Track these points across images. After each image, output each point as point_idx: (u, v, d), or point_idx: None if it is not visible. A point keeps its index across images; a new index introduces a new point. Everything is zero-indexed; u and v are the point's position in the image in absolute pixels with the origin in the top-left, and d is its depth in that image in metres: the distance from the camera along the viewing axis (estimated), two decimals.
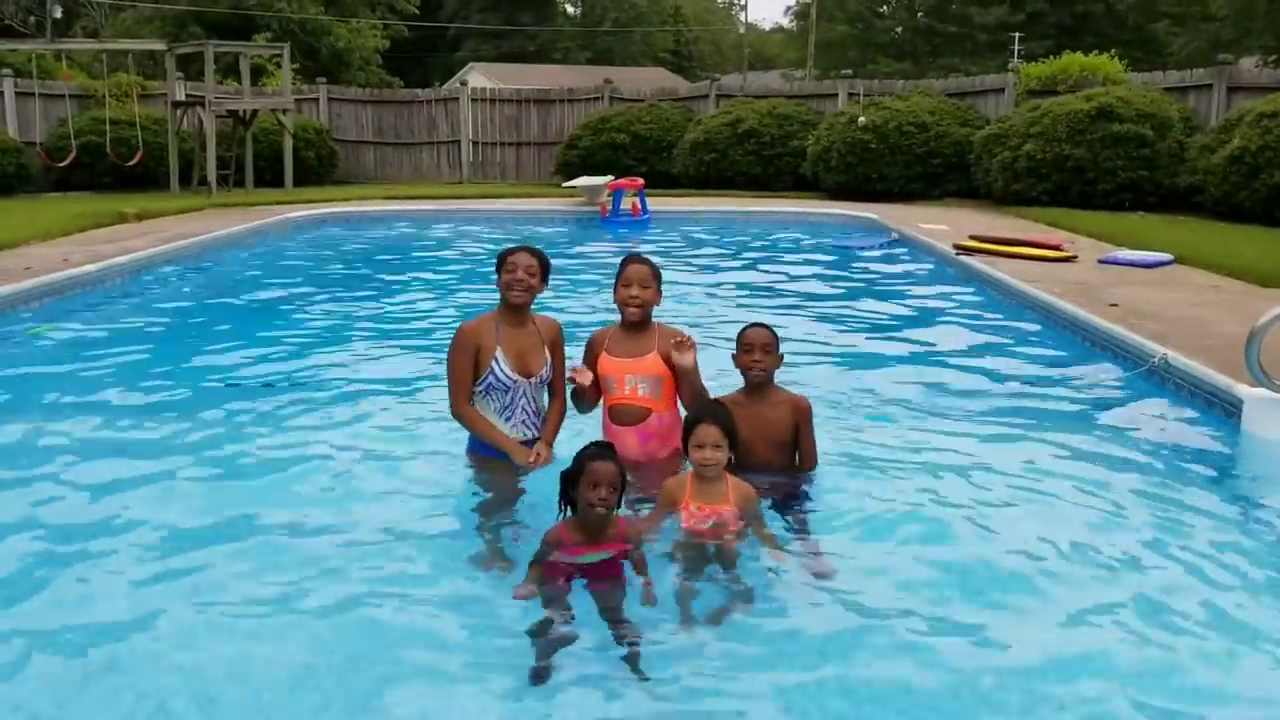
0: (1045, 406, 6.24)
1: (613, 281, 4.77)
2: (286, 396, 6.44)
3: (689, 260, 12.57)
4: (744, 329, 4.62)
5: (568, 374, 4.72)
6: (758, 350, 4.51)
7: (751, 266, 12.35)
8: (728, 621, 3.56)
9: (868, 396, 6.41)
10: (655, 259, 4.85)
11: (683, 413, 4.55)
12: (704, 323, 8.21)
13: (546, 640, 3.41)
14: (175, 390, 6.57)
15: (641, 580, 3.74)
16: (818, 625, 3.59)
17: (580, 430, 4.88)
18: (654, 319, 4.78)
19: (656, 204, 17.29)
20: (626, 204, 16.72)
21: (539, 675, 3.24)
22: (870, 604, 3.72)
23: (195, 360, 7.50)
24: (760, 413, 4.51)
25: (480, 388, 4.70)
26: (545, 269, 4.77)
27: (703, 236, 15.03)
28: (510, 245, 4.91)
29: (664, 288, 4.78)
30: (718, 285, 10.77)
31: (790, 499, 4.50)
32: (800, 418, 4.59)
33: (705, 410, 4.16)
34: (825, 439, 4.94)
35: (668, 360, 4.61)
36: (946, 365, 7.31)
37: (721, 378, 4.97)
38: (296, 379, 6.90)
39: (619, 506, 3.87)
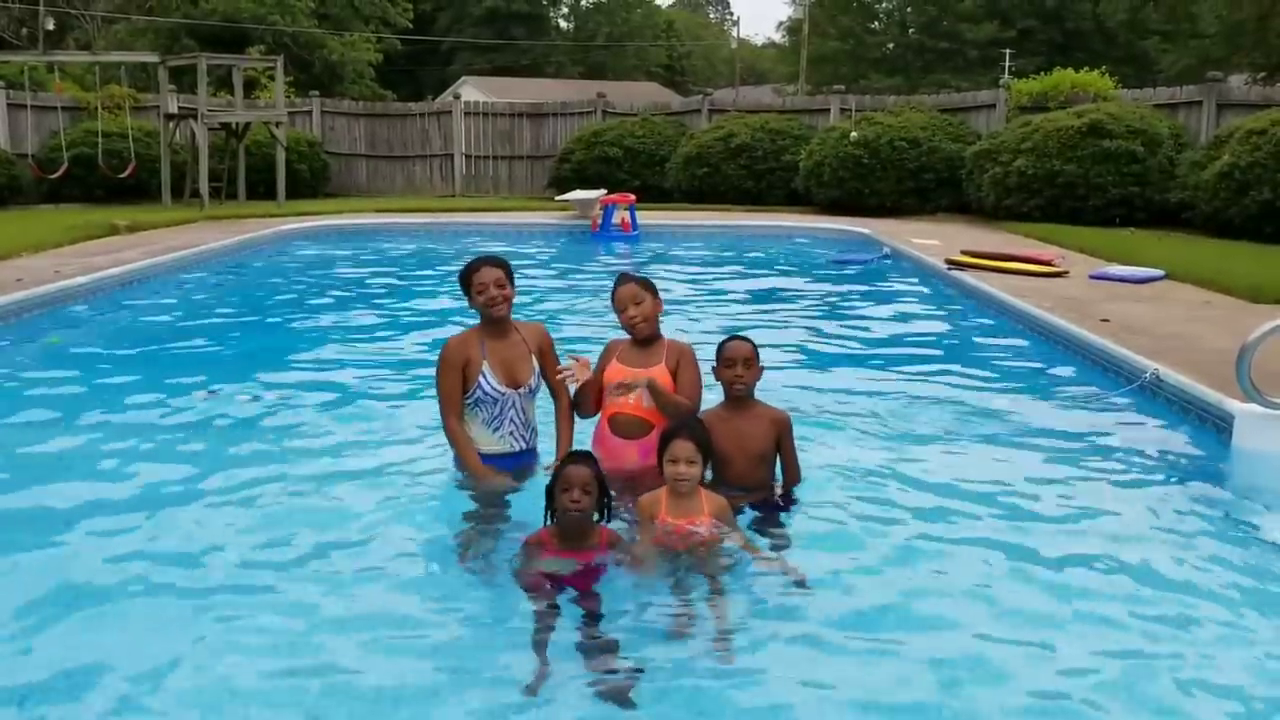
0: (1036, 422, 6.24)
1: (608, 297, 4.76)
2: (276, 407, 6.43)
3: (680, 274, 12.57)
4: (724, 342, 4.62)
5: (564, 365, 4.68)
6: (739, 364, 4.50)
7: (743, 280, 12.36)
8: (706, 630, 3.56)
9: (857, 411, 6.40)
10: (647, 272, 4.85)
11: None
12: (695, 335, 8.19)
13: (540, 651, 3.42)
14: (165, 402, 6.53)
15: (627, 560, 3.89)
16: (799, 636, 3.59)
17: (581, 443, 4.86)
18: (667, 335, 4.78)
19: (649, 218, 17.32)
20: (617, 219, 16.76)
21: (533, 686, 3.24)
22: (851, 617, 3.72)
23: (186, 372, 7.46)
24: (740, 427, 4.50)
25: (468, 400, 4.70)
26: (510, 275, 4.76)
27: (694, 250, 15.04)
28: (466, 264, 4.79)
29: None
30: (709, 299, 10.77)
31: (769, 512, 4.49)
32: (781, 431, 4.58)
33: (679, 425, 4.17)
34: (812, 453, 4.94)
35: (674, 374, 4.62)
36: (936, 380, 7.31)
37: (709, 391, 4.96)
38: (287, 390, 6.88)
39: (602, 516, 3.91)
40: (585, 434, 4.85)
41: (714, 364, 4.60)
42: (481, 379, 4.66)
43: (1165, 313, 9.01)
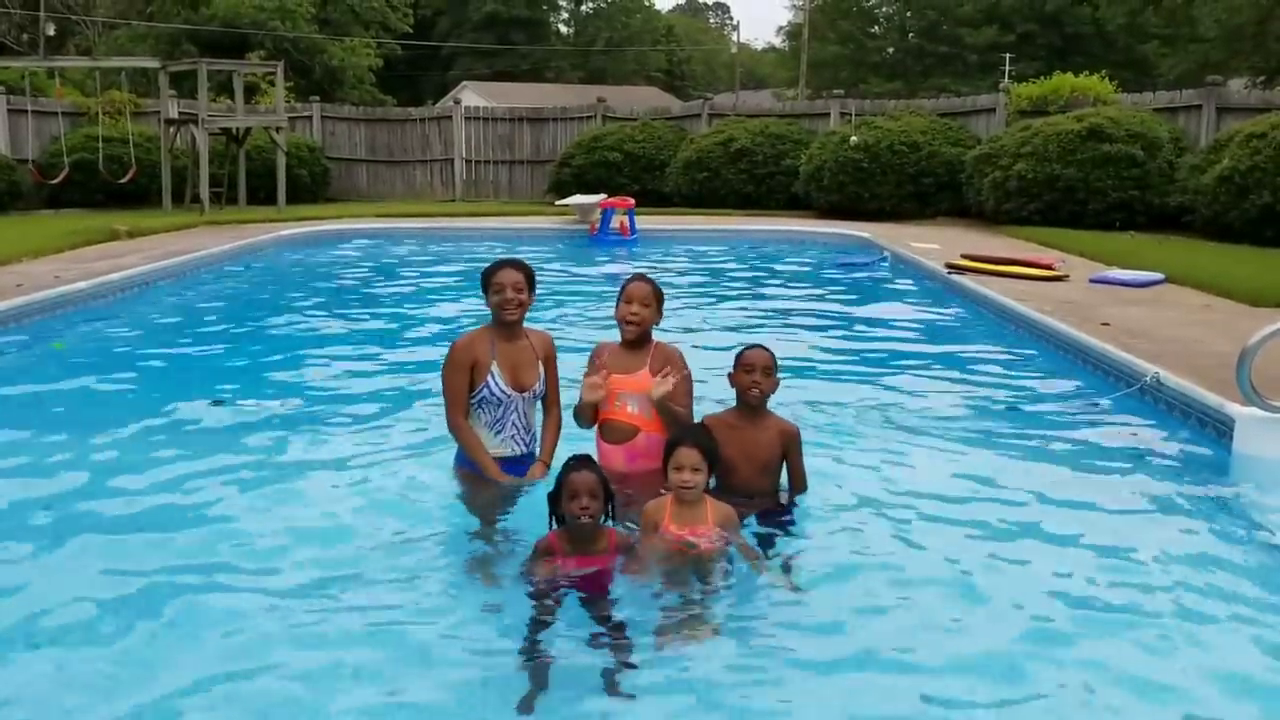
0: (1036, 426, 6.24)
1: (613, 298, 4.77)
2: (276, 413, 6.42)
3: (678, 278, 12.56)
4: (745, 349, 4.61)
5: (595, 377, 4.63)
6: (758, 371, 4.49)
7: (742, 284, 12.36)
8: (708, 637, 3.56)
9: (857, 415, 6.40)
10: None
11: None
12: (691, 340, 8.19)
13: (536, 662, 3.40)
14: (164, 408, 6.53)
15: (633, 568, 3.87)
16: (799, 642, 3.59)
17: (575, 446, 4.86)
18: (655, 336, 4.78)
19: (649, 222, 17.33)
20: (615, 223, 16.77)
21: (527, 701, 3.21)
22: (853, 624, 3.72)
23: (185, 378, 7.49)
24: (748, 435, 4.51)
25: (474, 400, 4.71)
26: (531, 281, 4.78)
27: (693, 255, 15.05)
28: (491, 262, 4.88)
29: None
30: (706, 303, 10.77)
31: (773, 520, 4.48)
32: (788, 443, 4.59)
33: (685, 432, 4.16)
34: (811, 458, 4.94)
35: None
36: (937, 385, 7.31)
37: (709, 396, 4.96)
38: (286, 396, 6.88)
39: (608, 517, 3.89)
40: (587, 442, 4.85)
41: (730, 369, 4.60)
42: (490, 379, 4.67)
43: (1165, 316, 9.01)
